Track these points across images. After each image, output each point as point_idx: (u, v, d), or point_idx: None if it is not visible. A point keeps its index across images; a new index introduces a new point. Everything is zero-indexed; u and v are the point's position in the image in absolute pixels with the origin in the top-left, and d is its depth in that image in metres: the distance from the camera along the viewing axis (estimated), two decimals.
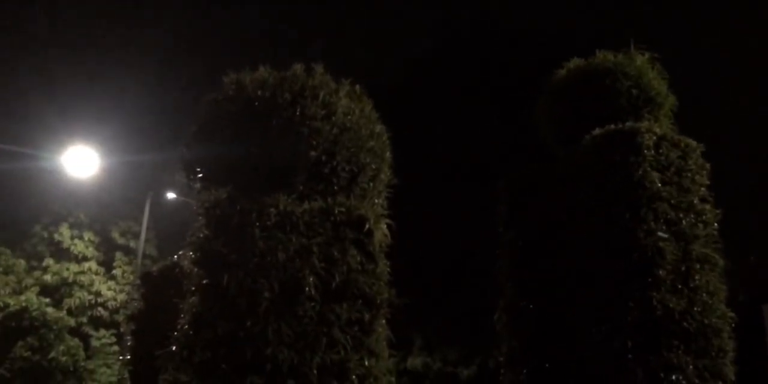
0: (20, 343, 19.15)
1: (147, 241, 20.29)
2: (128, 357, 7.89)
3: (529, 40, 21.14)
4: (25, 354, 19.05)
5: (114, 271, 22.05)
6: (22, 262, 21.27)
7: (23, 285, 20.81)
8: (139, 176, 20.73)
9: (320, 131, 5.60)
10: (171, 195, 20.71)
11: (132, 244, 21.87)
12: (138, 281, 9.62)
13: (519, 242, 7.18)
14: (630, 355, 5.76)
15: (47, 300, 20.38)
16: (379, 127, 6.05)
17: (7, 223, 22.04)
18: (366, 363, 5.09)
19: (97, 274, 21.70)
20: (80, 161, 17.71)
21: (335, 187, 5.66)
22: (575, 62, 7.65)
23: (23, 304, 19.46)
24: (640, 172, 6.20)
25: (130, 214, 22.03)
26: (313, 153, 5.57)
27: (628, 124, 6.60)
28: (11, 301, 19.54)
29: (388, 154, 6.10)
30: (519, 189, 7.42)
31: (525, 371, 6.70)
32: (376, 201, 5.93)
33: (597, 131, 6.63)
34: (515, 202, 7.39)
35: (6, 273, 20.45)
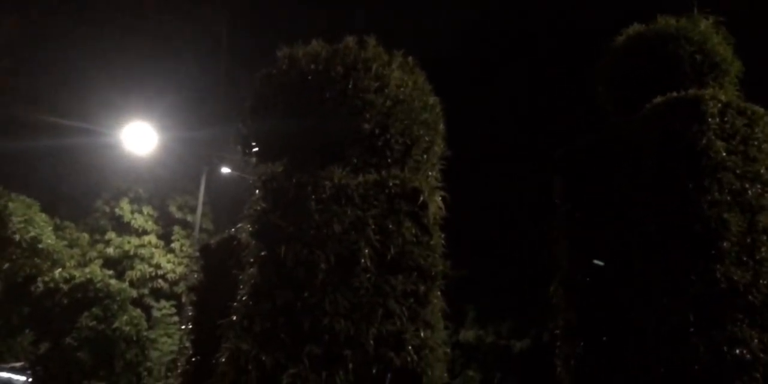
0: (86, 313, 19.94)
1: (203, 215, 20.70)
2: (190, 327, 8.12)
3: (585, 5, 20.51)
4: (91, 324, 19.85)
5: (172, 245, 22.63)
6: (86, 235, 22.00)
7: (87, 258, 21.55)
8: (194, 151, 21.12)
9: (373, 104, 5.60)
10: (226, 170, 21.07)
11: (189, 218, 22.37)
12: (197, 254, 9.88)
13: (575, 214, 7.05)
14: (692, 329, 5.63)
15: (110, 272, 21.09)
16: (432, 99, 6.01)
17: (71, 198, 22.84)
18: (422, 334, 5.12)
19: (156, 247, 22.31)
20: (138, 137, 18.19)
21: (389, 160, 5.67)
22: (635, 28, 7.39)
23: (88, 276, 20.20)
24: (704, 141, 5.99)
25: (186, 188, 22.52)
26: (366, 126, 5.58)
27: (692, 91, 6.37)
28: (77, 274, 20.27)
29: (441, 126, 6.06)
30: (576, 160, 7.27)
31: (581, 344, 6.63)
32: (430, 173, 5.91)
33: (658, 99, 6.42)
34: (572, 174, 7.24)
35: (71, 246, 21.17)
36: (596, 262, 6.04)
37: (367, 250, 5.12)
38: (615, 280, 6.45)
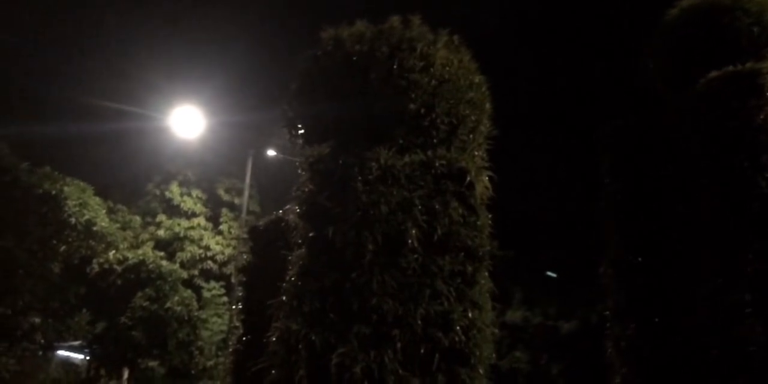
0: (139, 293, 20.54)
1: (250, 197, 21.00)
2: (240, 307, 8.27)
3: None
4: (144, 304, 20.44)
5: (220, 227, 23.05)
6: (138, 218, 22.56)
7: (139, 240, 22.12)
8: (241, 135, 21.41)
9: (419, 83, 5.55)
10: (271, 152, 21.30)
11: (236, 200, 22.74)
12: (244, 235, 10.03)
13: (625, 193, 6.91)
14: (748, 309, 5.49)
15: (161, 254, 21.62)
16: (478, 78, 5.92)
17: (124, 182, 23.44)
18: (470, 314, 5.11)
19: (205, 229, 22.76)
20: (187, 121, 18.51)
21: (435, 140, 5.63)
22: (689, 0, 7.14)
23: (140, 258, 20.76)
24: (762, 117, 5.79)
25: (233, 172, 22.87)
26: (412, 106, 5.54)
27: (749, 64, 6.14)
28: (130, 255, 20.84)
29: (487, 105, 5.98)
30: (625, 137, 7.11)
31: (632, 326, 6.54)
32: (476, 153, 5.85)
33: (713, 74, 6.21)
34: (621, 152, 7.09)
35: (124, 228, 21.75)
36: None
37: (414, 231, 5.11)
38: (667, 259, 6.32)
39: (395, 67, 5.55)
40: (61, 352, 24.53)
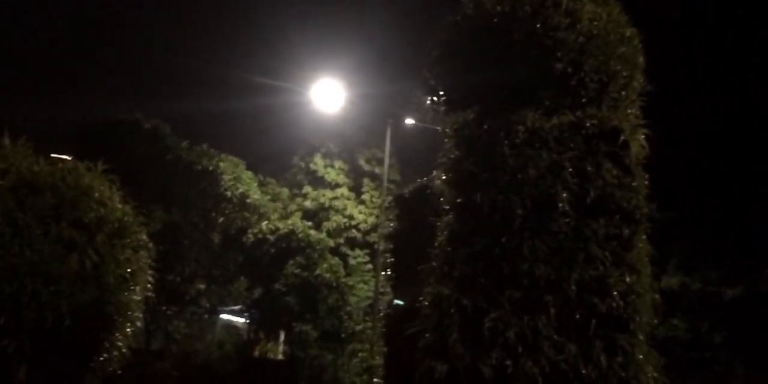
0: (291, 261, 21.62)
1: (390, 166, 21.31)
2: (388, 272, 8.50)
3: None
4: (296, 271, 21.51)
5: (363, 196, 23.65)
6: (286, 190, 23.64)
7: (288, 210, 23.20)
8: (379, 105, 21.72)
9: (565, 41, 5.34)
10: (410, 121, 21.44)
11: (377, 170, 23.17)
12: (387, 204, 10.24)
13: None
14: None
15: (309, 223, 22.58)
16: (629, 31, 5.60)
17: (271, 156, 24.64)
18: (627, 279, 4.94)
19: (348, 199, 23.47)
20: (328, 94, 19.02)
21: (584, 100, 5.41)
22: None
23: (290, 228, 21.79)
24: None
25: (372, 142, 23.31)
26: (558, 65, 5.35)
27: None
28: (280, 225, 21.94)
29: (640, 59, 5.66)
30: None
31: None
32: (630, 111, 5.57)
33: None
34: None
35: (274, 200, 22.86)
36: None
37: (564, 194, 4.98)
38: None
39: (539, 26, 5.37)
40: (224, 316, 26.40)
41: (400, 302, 7.62)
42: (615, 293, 4.87)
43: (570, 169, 5.03)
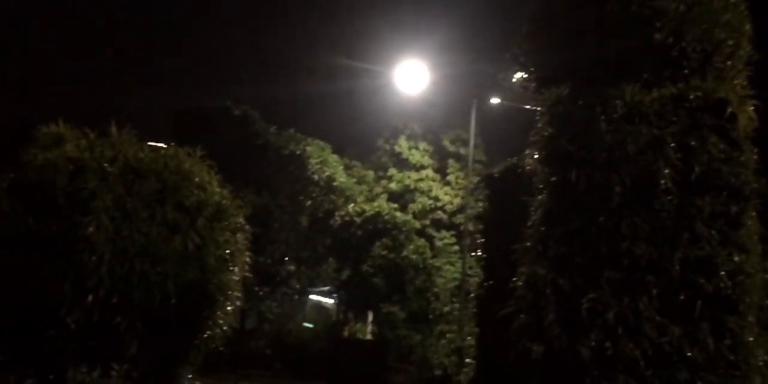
0: (378, 243, 21.90)
1: (475, 147, 21.07)
2: (479, 253, 8.45)
3: None
4: (383, 253, 21.78)
5: (448, 178, 23.51)
6: (371, 173, 23.82)
7: (374, 193, 23.38)
8: (463, 85, 21.46)
9: (665, 10, 5.10)
10: (495, 100, 21.09)
11: (462, 151, 22.95)
12: (472, 185, 10.15)
13: None
14: None
15: (395, 205, 22.71)
16: None
17: (356, 139, 24.89)
18: (735, 259, 4.71)
19: (433, 180, 23.38)
20: (411, 75, 18.91)
21: (686, 71, 5.16)
22: None
23: (376, 210, 22.03)
24: None
25: (457, 122, 23.09)
26: (657, 35, 5.12)
27: None
28: (367, 208, 22.20)
29: (747, 27, 5.33)
30: None
31: None
32: (736, 81, 5.27)
33: None
34: None
35: (359, 183, 23.11)
36: None
37: (666, 171, 4.77)
38: None
39: None
40: (313, 297, 27.07)
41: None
42: (722, 273, 4.65)
43: (672, 144, 4.81)
